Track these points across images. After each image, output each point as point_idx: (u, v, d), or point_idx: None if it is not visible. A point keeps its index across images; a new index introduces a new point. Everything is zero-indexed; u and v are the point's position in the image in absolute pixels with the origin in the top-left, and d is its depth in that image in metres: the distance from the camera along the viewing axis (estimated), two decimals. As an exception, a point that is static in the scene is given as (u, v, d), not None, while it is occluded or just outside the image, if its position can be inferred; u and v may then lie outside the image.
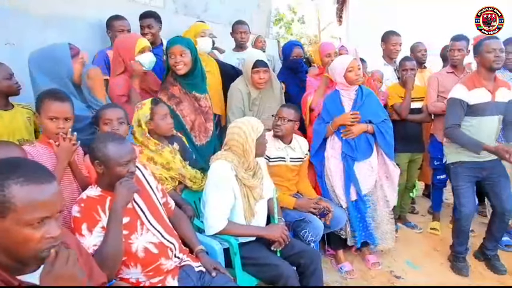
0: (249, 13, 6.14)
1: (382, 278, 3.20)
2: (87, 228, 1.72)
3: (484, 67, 3.02)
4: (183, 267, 2.00)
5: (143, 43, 2.77)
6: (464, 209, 3.15)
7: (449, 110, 3.14)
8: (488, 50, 2.96)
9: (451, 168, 3.24)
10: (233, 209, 2.36)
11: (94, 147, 1.82)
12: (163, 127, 2.48)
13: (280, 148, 2.94)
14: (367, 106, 3.13)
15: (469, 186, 3.16)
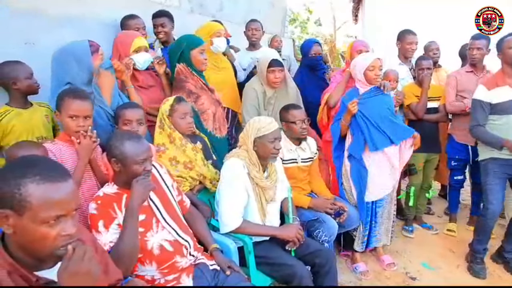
0: (264, 12, 6.14)
1: (397, 279, 3.17)
2: (104, 225, 1.75)
3: (508, 64, 2.98)
4: (197, 265, 2.01)
5: (139, 42, 2.77)
6: (491, 206, 3.09)
7: (472, 111, 3.18)
8: (510, 46, 2.93)
9: (482, 164, 3.20)
10: (248, 208, 2.37)
11: (111, 144, 1.85)
12: (181, 125, 2.50)
13: (292, 150, 2.93)
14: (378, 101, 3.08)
15: (498, 183, 3.10)
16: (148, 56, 2.83)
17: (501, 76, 3.02)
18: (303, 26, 15.50)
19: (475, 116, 3.11)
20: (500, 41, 3.04)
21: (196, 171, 2.54)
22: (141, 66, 2.81)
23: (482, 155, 3.18)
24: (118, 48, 2.80)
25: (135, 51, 2.76)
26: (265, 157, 2.37)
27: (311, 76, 3.63)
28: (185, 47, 2.85)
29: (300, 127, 2.85)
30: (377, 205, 3.17)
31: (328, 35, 15.50)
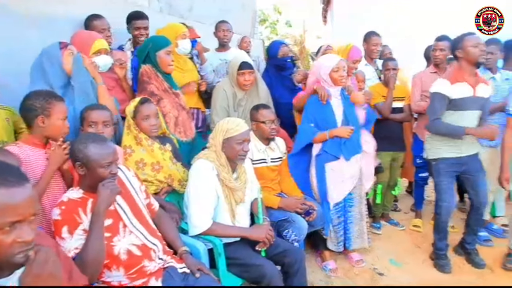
0: (234, 13, 6.15)
1: (365, 275, 3.24)
2: (68, 231, 1.71)
3: (469, 62, 3.02)
4: (166, 269, 1.99)
5: (99, 44, 2.69)
6: (444, 204, 3.22)
7: (431, 105, 3.16)
8: (474, 45, 2.97)
9: (432, 164, 3.30)
10: (217, 209, 2.37)
11: (74, 148, 1.80)
12: (143, 128, 2.47)
13: (261, 149, 2.95)
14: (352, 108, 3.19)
15: (450, 181, 3.23)
16: (109, 59, 2.76)
17: (460, 73, 3.07)
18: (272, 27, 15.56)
19: (434, 110, 3.10)
20: (459, 39, 3.06)
21: (164, 172, 2.51)
22: (102, 68, 2.72)
23: (430, 154, 3.28)
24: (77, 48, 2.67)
25: (95, 53, 2.68)
26: (234, 158, 2.38)
27: (278, 77, 3.66)
28: (151, 48, 2.81)
29: (270, 127, 2.88)
30: (349, 205, 3.24)
31: (297, 36, 15.61)
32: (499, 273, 3.26)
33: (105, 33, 3.12)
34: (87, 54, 2.65)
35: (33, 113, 1.98)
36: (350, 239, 3.30)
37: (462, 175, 3.24)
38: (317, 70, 3.22)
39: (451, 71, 3.23)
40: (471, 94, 3.04)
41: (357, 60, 3.53)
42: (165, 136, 2.67)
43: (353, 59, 3.45)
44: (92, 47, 2.66)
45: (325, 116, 3.13)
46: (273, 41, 4.53)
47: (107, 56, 2.74)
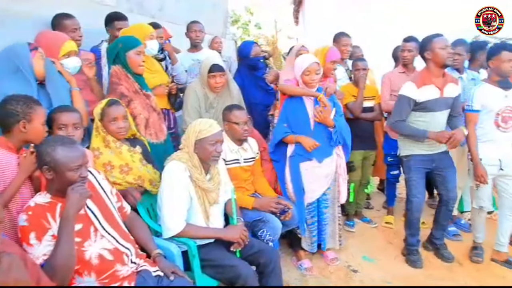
0: (205, 13, 6.11)
1: (340, 273, 3.28)
2: (36, 237, 1.66)
3: (436, 64, 3.09)
4: (140, 273, 1.96)
5: (69, 46, 2.62)
6: (415, 200, 3.30)
7: (396, 106, 3.25)
8: (441, 47, 3.03)
9: (404, 161, 3.37)
10: (190, 211, 2.35)
11: (42, 151, 1.74)
12: (111, 130, 2.40)
13: (234, 150, 2.94)
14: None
15: (420, 177, 3.31)
16: (78, 60, 2.69)
17: (427, 75, 3.14)
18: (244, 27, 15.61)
19: (399, 112, 3.18)
20: (427, 41, 3.12)
21: (133, 174, 2.46)
22: (71, 71, 2.65)
23: (403, 152, 3.36)
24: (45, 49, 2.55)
25: (64, 55, 2.60)
26: (206, 159, 2.36)
27: (251, 77, 3.65)
28: (120, 49, 2.74)
29: (242, 128, 2.87)
30: (324, 206, 3.27)
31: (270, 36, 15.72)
32: (467, 266, 3.38)
33: (77, 33, 3.03)
34: (56, 56, 2.57)
35: (14, 118, 1.91)
36: (325, 240, 3.33)
37: (433, 172, 3.33)
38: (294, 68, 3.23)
39: (418, 74, 3.30)
40: (438, 95, 3.12)
41: (335, 61, 3.54)
42: (135, 138, 2.61)
43: (331, 60, 3.46)
44: (61, 49, 2.59)
45: (298, 116, 3.15)
46: (245, 41, 4.54)
47: (76, 58, 2.67)
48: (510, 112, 3.17)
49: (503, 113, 3.16)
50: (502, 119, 3.17)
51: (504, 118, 3.17)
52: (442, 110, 3.16)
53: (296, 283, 3.13)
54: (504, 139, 3.20)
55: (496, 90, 3.17)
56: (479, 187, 3.27)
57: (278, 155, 3.25)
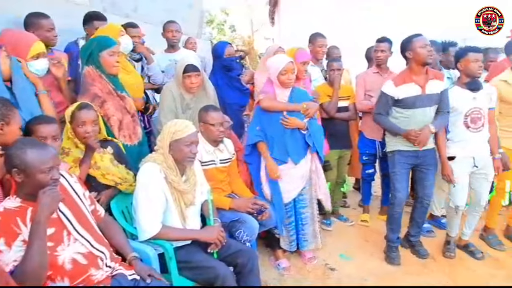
0: (181, 13, 6.06)
1: (318, 271, 3.31)
2: (5, 243, 1.60)
3: (417, 62, 3.16)
4: (115, 277, 1.93)
5: (39, 48, 2.54)
6: (398, 194, 3.35)
7: (378, 101, 3.41)
8: (421, 46, 3.11)
9: (389, 156, 3.43)
10: (166, 213, 2.32)
11: (11, 154, 1.68)
12: (78, 133, 2.35)
13: (210, 151, 2.92)
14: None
15: (404, 173, 3.36)
16: (46, 62, 2.61)
17: (408, 74, 3.23)
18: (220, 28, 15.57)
19: (378, 106, 3.37)
20: (407, 41, 3.19)
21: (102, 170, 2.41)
22: (40, 73, 2.56)
23: (389, 147, 3.42)
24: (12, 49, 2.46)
25: (33, 57, 2.51)
26: (182, 160, 2.33)
27: (225, 78, 3.64)
28: (94, 49, 2.69)
29: (218, 129, 2.85)
30: (301, 206, 3.29)
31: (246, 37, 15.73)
32: (440, 261, 3.47)
33: (52, 33, 2.95)
34: (24, 57, 2.48)
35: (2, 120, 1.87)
36: (305, 240, 3.35)
37: (416, 168, 3.39)
38: (268, 69, 3.23)
39: (400, 73, 3.38)
40: (419, 93, 3.18)
41: (305, 62, 3.53)
42: (106, 140, 2.57)
43: (300, 61, 3.44)
44: (30, 50, 2.50)
45: (272, 119, 3.15)
46: (219, 41, 4.51)
47: (45, 59, 2.59)
48: (478, 113, 3.26)
49: (471, 114, 3.25)
50: (471, 120, 3.26)
51: (473, 119, 3.26)
52: (425, 106, 3.20)
53: (274, 283, 3.14)
54: (475, 138, 3.28)
55: (465, 93, 3.26)
56: (456, 186, 3.34)
57: (252, 157, 3.24)
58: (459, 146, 3.30)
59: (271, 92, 3.16)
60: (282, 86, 3.12)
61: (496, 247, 3.66)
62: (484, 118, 3.29)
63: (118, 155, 2.55)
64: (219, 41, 4.71)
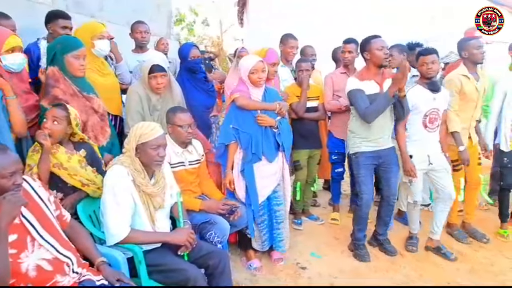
0: (148, 13, 5.98)
1: (289, 270, 3.33)
2: None
3: (374, 64, 3.23)
4: (82, 282, 1.88)
5: (13, 41, 2.44)
6: (365, 196, 3.40)
7: (355, 101, 3.25)
8: (378, 48, 3.18)
9: (353, 158, 3.47)
10: (135, 216, 2.28)
11: None
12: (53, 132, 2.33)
13: (178, 153, 2.89)
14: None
15: (369, 174, 3.42)
16: (23, 57, 2.51)
17: (366, 73, 3.29)
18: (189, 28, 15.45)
19: (359, 103, 3.20)
20: (365, 42, 3.26)
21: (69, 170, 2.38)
22: (16, 68, 2.46)
23: (351, 149, 3.47)
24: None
25: (7, 51, 2.40)
26: (149, 164, 2.30)
27: (191, 79, 3.61)
28: (58, 50, 2.62)
29: (186, 131, 2.83)
30: (276, 203, 3.30)
31: (215, 37, 15.68)
32: (408, 256, 3.57)
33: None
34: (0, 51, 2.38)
35: None
36: (280, 240, 3.36)
37: (379, 167, 3.45)
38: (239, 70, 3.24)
39: (359, 71, 3.44)
40: (377, 90, 3.26)
41: (274, 63, 3.55)
42: (83, 143, 2.52)
43: (269, 63, 3.43)
44: (4, 44, 2.38)
45: (246, 117, 3.15)
46: (184, 43, 4.48)
47: (21, 54, 2.49)
48: (436, 114, 3.39)
49: (430, 114, 3.37)
50: (429, 120, 3.38)
51: (431, 119, 3.39)
52: None
53: (246, 283, 3.13)
54: (431, 138, 3.43)
55: (426, 92, 3.37)
56: (412, 183, 3.45)
57: (225, 158, 3.22)
58: (416, 145, 3.40)
59: (245, 91, 3.17)
60: (253, 85, 3.13)
61: (463, 240, 3.81)
62: (440, 119, 3.43)
63: (91, 158, 2.50)
64: (185, 43, 4.67)
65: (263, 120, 3.13)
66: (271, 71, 3.43)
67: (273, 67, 3.52)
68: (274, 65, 3.54)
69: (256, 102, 3.16)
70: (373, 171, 3.47)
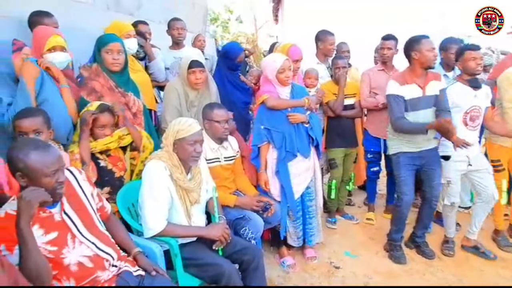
0: (184, 11, 6.07)
1: (322, 269, 3.30)
2: (6, 248, 1.57)
3: (421, 65, 3.11)
4: (120, 275, 1.92)
5: (54, 41, 2.56)
6: (405, 197, 3.31)
7: (390, 107, 3.22)
8: (428, 49, 3.05)
9: (393, 158, 3.38)
10: (172, 210, 2.32)
11: (13, 157, 1.61)
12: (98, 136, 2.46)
13: (214, 149, 2.91)
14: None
15: (410, 175, 3.32)
16: (65, 56, 2.62)
17: (409, 74, 3.18)
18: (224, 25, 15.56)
19: (393, 111, 3.16)
20: (414, 41, 3.12)
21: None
22: (57, 66, 2.57)
23: (392, 150, 3.38)
24: (33, 45, 2.57)
25: (49, 50, 2.54)
26: (185, 159, 2.33)
27: (230, 76, 3.64)
28: (96, 47, 2.77)
29: (223, 127, 2.85)
30: (309, 199, 3.28)
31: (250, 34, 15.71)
32: (446, 260, 3.44)
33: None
34: (41, 51, 2.52)
35: None
36: (311, 234, 3.34)
37: (421, 169, 3.35)
38: (263, 69, 3.24)
39: (401, 73, 3.33)
40: (420, 94, 3.15)
41: (297, 60, 3.50)
42: None
43: (292, 59, 3.36)
44: (46, 44, 2.53)
45: (277, 117, 3.14)
46: (234, 44, 4.47)
47: (62, 53, 2.60)
48: (477, 111, 3.25)
49: (471, 112, 3.23)
50: (470, 117, 3.24)
51: (472, 117, 3.24)
52: (426, 108, 3.17)
53: (279, 280, 3.13)
54: (471, 136, 3.25)
55: (467, 89, 3.23)
56: (450, 184, 3.33)
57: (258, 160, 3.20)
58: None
59: (273, 91, 3.16)
60: (281, 84, 3.12)
61: (504, 248, 3.62)
62: (482, 117, 3.28)
63: None
64: (233, 43, 4.70)
65: (295, 118, 3.11)
66: (294, 68, 3.39)
67: (296, 63, 3.48)
68: (297, 61, 3.50)
69: (285, 101, 3.15)
70: (415, 172, 3.36)
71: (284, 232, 3.21)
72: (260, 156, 3.18)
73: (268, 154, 3.18)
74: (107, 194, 2.48)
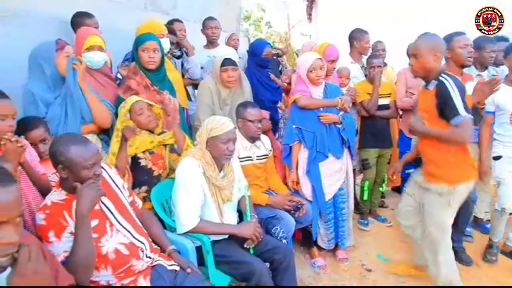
0: (218, 10, 6.10)
1: (354, 271, 3.26)
2: (55, 235, 1.66)
3: (456, 63, 3.02)
4: (155, 267, 1.97)
5: (92, 41, 2.65)
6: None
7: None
8: (461, 46, 2.96)
9: None
10: (204, 207, 2.35)
11: (55, 151, 1.72)
12: (141, 122, 2.51)
13: (247, 147, 2.93)
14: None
15: None
16: (102, 55, 2.70)
17: None
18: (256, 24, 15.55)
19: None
20: (448, 39, 3.02)
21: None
22: (93, 65, 2.68)
23: None
24: (75, 45, 2.68)
25: (87, 49, 2.64)
26: (218, 157, 2.35)
27: (259, 74, 3.63)
28: (134, 46, 2.85)
29: (256, 126, 2.85)
30: (341, 201, 3.24)
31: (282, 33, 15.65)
32: (483, 266, 3.32)
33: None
34: (80, 50, 2.63)
35: None
36: (343, 237, 3.31)
37: None
38: (297, 69, 3.22)
39: None
40: None
41: (333, 60, 3.45)
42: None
43: (328, 59, 3.34)
44: (85, 43, 2.63)
45: (308, 117, 3.13)
46: (259, 40, 4.48)
47: (99, 52, 2.68)
48: None
49: None
50: None
51: None
52: None
53: (309, 281, 3.11)
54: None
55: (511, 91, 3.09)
56: (501, 185, 3.19)
57: (290, 159, 3.21)
58: (505, 145, 3.16)
59: (306, 90, 3.14)
60: (311, 83, 3.10)
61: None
62: None
63: None
64: (259, 39, 4.70)
65: (326, 118, 3.08)
66: (329, 68, 3.35)
67: (332, 64, 3.43)
68: (333, 62, 3.44)
69: (317, 101, 3.12)
70: None
71: (316, 232, 3.18)
72: (292, 156, 3.16)
73: (300, 154, 3.17)
74: (145, 193, 2.54)
